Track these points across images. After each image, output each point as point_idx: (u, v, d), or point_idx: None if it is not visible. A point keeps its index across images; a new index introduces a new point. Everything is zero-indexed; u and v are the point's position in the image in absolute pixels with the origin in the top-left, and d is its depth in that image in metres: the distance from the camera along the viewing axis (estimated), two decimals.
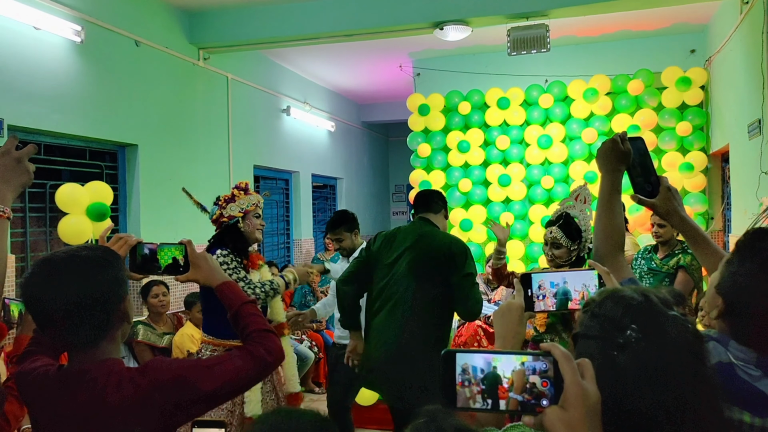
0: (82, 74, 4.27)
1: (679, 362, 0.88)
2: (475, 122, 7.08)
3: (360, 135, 9.91)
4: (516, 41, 5.35)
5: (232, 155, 6.06)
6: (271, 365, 1.56)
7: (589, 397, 0.82)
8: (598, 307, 0.95)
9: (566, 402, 0.82)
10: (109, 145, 4.69)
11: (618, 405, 0.87)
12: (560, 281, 1.30)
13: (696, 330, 0.93)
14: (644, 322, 0.89)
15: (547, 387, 0.84)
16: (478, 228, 6.99)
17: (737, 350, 1.24)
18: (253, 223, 3.39)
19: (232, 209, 3.38)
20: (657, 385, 0.86)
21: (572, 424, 0.80)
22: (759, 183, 4.41)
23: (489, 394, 0.86)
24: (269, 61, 7.00)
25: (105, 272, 1.40)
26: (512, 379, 0.85)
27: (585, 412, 0.81)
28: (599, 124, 6.62)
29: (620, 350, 0.89)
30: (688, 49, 6.56)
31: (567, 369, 0.83)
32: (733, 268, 1.27)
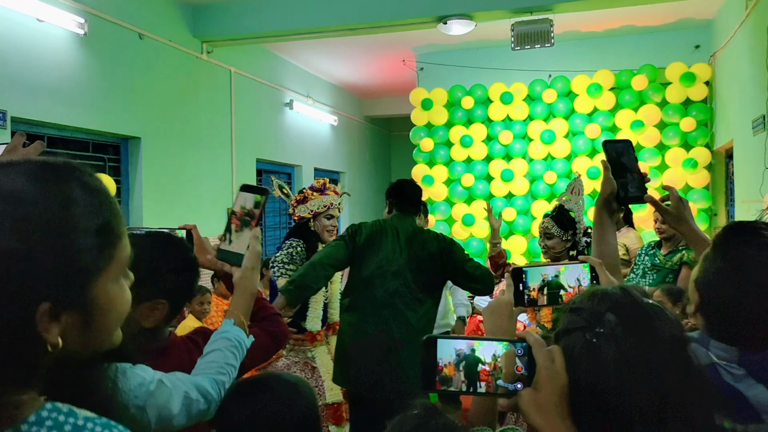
0: (85, 67, 4.27)
1: (660, 350, 0.88)
2: (478, 117, 7.07)
3: (363, 129, 9.90)
4: (520, 36, 5.33)
5: (235, 149, 6.05)
6: (281, 345, 1.71)
7: (559, 379, 0.89)
8: (576, 303, 0.97)
9: (538, 384, 0.89)
10: (112, 138, 4.69)
11: (600, 394, 0.88)
12: (552, 275, 1.29)
13: (677, 319, 0.93)
14: (623, 312, 0.91)
15: (522, 371, 0.92)
16: (481, 223, 6.98)
17: (718, 349, 1.23)
18: (323, 224, 3.43)
19: (301, 210, 3.44)
20: (638, 373, 0.87)
21: (543, 405, 0.87)
22: (763, 179, 4.40)
23: (468, 378, 0.92)
24: (272, 55, 6.99)
25: None
26: (494, 363, 0.92)
27: (555, 394, 0.88)
28: (603, 119, 6.61)
29: (600, 338, 0.90)
30: (693, 45, 6.53)
31: (540, 354, 0.90)
32: (708, 263, 1.28)
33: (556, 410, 0.87)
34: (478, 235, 7.01)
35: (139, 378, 1.20)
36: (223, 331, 1.41)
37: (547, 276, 1.28)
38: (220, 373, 1.33)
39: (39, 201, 0.70)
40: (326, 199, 3.42)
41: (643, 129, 6.42)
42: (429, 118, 7.24)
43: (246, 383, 1.37)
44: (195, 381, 1.30)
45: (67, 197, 0.73)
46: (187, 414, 1.25)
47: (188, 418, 1.26)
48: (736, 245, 1.25)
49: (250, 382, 1.38)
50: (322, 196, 3.42)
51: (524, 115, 6.91)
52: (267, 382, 1.40)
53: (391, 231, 3.08)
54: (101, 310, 0.75)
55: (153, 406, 1.19)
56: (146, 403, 1.18)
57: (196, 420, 1.28)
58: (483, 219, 7.00)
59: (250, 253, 1.44)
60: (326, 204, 3.41)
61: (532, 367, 0.91)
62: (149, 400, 1.19)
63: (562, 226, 3.05)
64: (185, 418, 1.26)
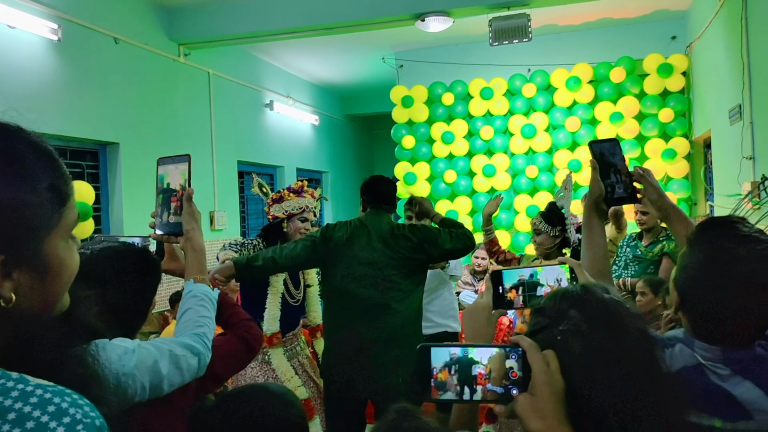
0: (60, 73, 4.21)
1: (626, 341, 0.90)
2: (458, 113, 7.09)
3: (344, 128, 9.88)
4: (498, 31, 5.35)
5: (215, 151, 6.01)
6: (255, 351, 1.66)
7: (555, 383, 0.89)
8: (541, 304, 0.99)
9: (534, 389, 0.89)
10: (90, 144, 4.64)
11: (572, 389, 0.89)
12: (528, 276, 1.28)
13: (639, 312, 0.95)
14: (586, 308, 0.92)
15: (516, 377, 0.91)
16: (464, 219, 7.00)
17: (702, 349, 1.24)
18: (297, 226, 3.38)
19: (276, 210, 3.40)
20: (606, 365, 0.88)
21: (541, 409, 0.87)
22: (740, 168, 4.45)
23: (464, 385, 0.91)
24: (251, 56, 6.95)
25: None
26: (489, 367, 0.91)
27: (552, 398, 0.87)
28: (582, 112, 6.65)
29: (565, 335, 0.91)
30: (669, 36, 6.59)
31: (534, 358, 0.90)
32: (685, 260, 1.28)
33: (554, 414, 0.87)
34: None
35: (120, 348, 1.21)
36: (187, 292, 1.47)
37: (523, 277, 1.28)
38: (198, 326, 1.39)
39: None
40: (302, 201, 3.40)
41: (622, 121, 6.46)
42: (410, 116, 7.24)
43: (232, 396, 1.35)
44: (177, 340, 1.34)
45: (14, 153, 0.74)
46: (178, 371, 1.28)
47: (181, 376, 1.30)
48: (712, 240, 1.24)
49: (236, 395, 1.35)
50: (299, 198, 3.40)
51: (504, 110, 6.94)
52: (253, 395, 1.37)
53: (364, 230, 3.04)
54: (52, 270, 0.76)
55: (142, 369, 1.21)
56: (135, 368, 1.19)
57: (190, 376, 1.32)
58: (466, 215, 7.02)
59: (186, 215, 1.51)
60: (302, 206, 3.38)
61: (527, 372, 0.91)
62: (138, 365, 1.20)
63: (549, 222, 3.07)
64: (178, 376, 1.29)
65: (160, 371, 1.22)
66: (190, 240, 1.51)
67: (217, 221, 5.85)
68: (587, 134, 6.61)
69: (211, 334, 1.42)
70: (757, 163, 4.26)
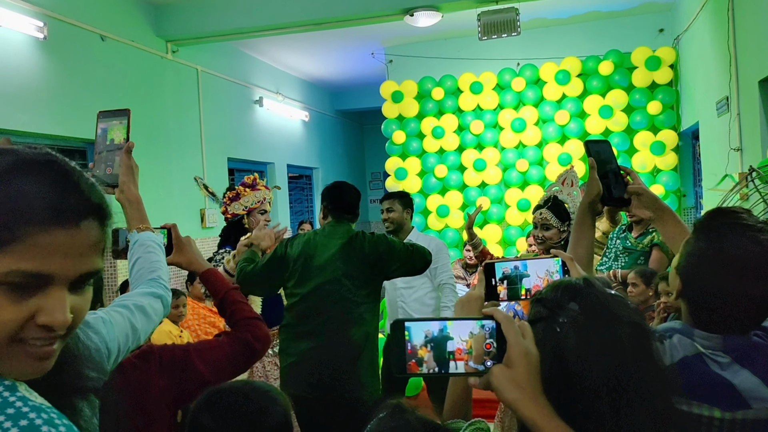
0: (47, 71, 4.18)
1: (621, 336, 0.90)
2: (448, 108, 7.09)
3: (334, 124, 9.86)
4: (486, 26, 5.35)
5: (204, 148, 5.99)
6: (258, 352, 1.60)
7: (530, 354, 0.89)
8: (542, 294, 0.99)
9: (510, 360, 0.89)
10: (79, 143, 4.61)
11: (565, 382, 0.89)
12: (522, 269, 1.29)
13: (636, 306, 0.95)
14: (585, 302, 0.93)
15: (491, 349, 0.91)
16: (455, 213, 7.02)
17: (702, 338, 1.25)
18: (258, 219, 3.42)
19: (235, 207, 3.44)
20: (599, 358, 0.89)
21: (516, 379, 0.87)
22: (728, 159, 4.49)
23: (439, 360, 0.91)
24: (240, 52, 6.92)
25: None
26: (469, 342, 0.91)
27: (528, 369, 0.88)
28: (571, 105, 6.67)
29: (564, 327, 0.91)
30: (657, 29, 6.62)
31: (510, 330, 0.90)
32: (689, 248, 1.30)
33: (529, 384, 0.87)
34: (453, 225, 7.05)
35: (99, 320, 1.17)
36: (134, 242, 1.49)
37: (507, 270, 1.29)
38: (151, 271, 1.42)
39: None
40: (259, 194, 3.44)
41: (611, 114, 6.49)
42: (400, 111, 7.24)
43: (218, 392, 1.35)
44: (137, 291, 1.36)
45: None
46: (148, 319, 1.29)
47: (151, 323, 1.30)
48: (717, 229, 1.26)
49: (222, 391, 1.36)
50: (255, 192, 3.44)
51: (494, 104, 6.95)
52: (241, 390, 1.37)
53: (323, 241, 2.95)
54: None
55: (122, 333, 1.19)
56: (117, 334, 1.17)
57: (158, 320, 1.34)
58: (457, 209, 7.03)
59: (123, 167, 1.54)
60: (259, 199, 3.43)
61: (502, 344, 0.91)
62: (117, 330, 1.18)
63: (560, 217, 3.04)
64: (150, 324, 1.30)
65: (136, 327, 1.22)
66: (125, 192, 1.53)
67: (207, 219, 5.83)
68: (576, 127, 6.64)
69: (166, 276, 1.44)
70: (744, 155, 4.29)
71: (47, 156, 0.77)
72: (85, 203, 0.77)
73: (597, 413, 0.87)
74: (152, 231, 1.54)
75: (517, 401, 0.87)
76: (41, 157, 0.76)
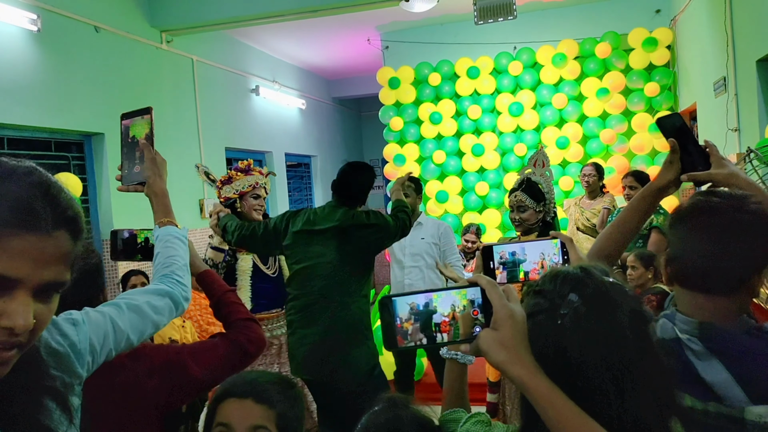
0: (41, 64, 4.16)
1: (621, 324, 0.91)
2: (445, 93, 7.07)
3: (332, 111, 9.83)
4: (482, 10, 5.32)
5: (202, 139, 5.98)
6: (252, 355, 1.58)
7: (516, 316, 0.91)
8: (538, 285, 0.99)
9: (496, 323, 0.90)
10: (75, 135, 4.60)
11: (567, 373, 0.90)
12: (519, 251, 1.29)
13: (636, 295, 0.96)
14: (585, 292, 0.93)
15: (478, 315, 0.93)
16: (454, 199, 7.02)
17: (682, 322, 1.25)
18: (250, 203, 3.48)
19: (227, 191, 3.50)
20: (602, 348, 0.89)
21: (504, 342, 0.89)
22: (726, 140, 4.48)
23: (428, 332, 0.93)
24: (235, 41, 6.88)
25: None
26: (452, 314, 0.93)
27: (514, 329, 0.89)
28: (569, 88, 6.65)
29: (564, 319, 0.91)
30: (653, 10, 6.58)
31: (494, 294, 0.92)
32: (672, 234, 1.32)
33: (516, 345, 0.89)
34: (453, 211, 7.05)
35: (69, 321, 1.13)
36: (155, 238, 1.50)
37: (504, 253, 1.29)
38: (165, 266, 1.42)
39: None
40: (251, 178, 3.48)
41: (608, 96, 6.47)
42: (397, 97, 7.22)
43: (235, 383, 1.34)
44: (141, 289, 1.35)
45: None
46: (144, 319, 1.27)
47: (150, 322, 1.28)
48: (697, 212, 1.28)
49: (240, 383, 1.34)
50: (247, 176, 3.48)
51: (491, 88, 6.92)
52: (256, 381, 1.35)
53: (321, 222, 3.00)
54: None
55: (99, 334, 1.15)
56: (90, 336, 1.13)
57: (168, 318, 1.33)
58: (456, 195, 7.03)
59: (147, 162, 1.54)
60: (251, 183, 3.46)
61: (488, 309, 0.92)
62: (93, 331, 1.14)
63: (534, 197, 3.06)
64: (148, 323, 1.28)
65: (120, 327, 1.20)
66: (151, 186, 1.54)
67: (206, 209, 5.84)
68: (574, 110, 6.62)
69: (183, 270, 1.43)
70: (742, 135, 4.29)
71: (29, 168, 0.79)
72: (60, 214, 0.78)
73: (602, 397, 0.88)
74: (176, 225, 1.53)
75: (505, 362, 0.88)
76: (23, 168, 0.78)
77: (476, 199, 6.99)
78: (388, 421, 1.12)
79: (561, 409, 0.85)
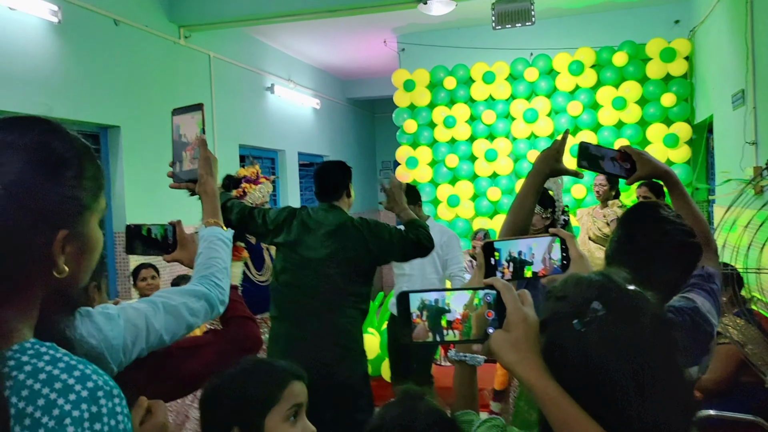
0: (60, 55, 4.19)
1: (644, 332, 0.90)
2: (460, 97, 7.06)
3: (345, 112, 9.84)
4: (501, 15, 5.31)
5: (216, 135, 6.00)
6: (248, 352, 1.58)
7: (529, 320, 0.94)
8: (560, 291, 0.98)
9: (509, 325, 0.94)
10: (91, 127, 4.63)
11: (589, 379, 0.89)
12: (525, 249, 1.28)
13: (658, 301, 0.96)
14: (607, 298, 0.93)
15: (492, 317, 0.96)
16: (466, 204, 7.00)
17: None
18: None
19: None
20: (624, 355, 0.89)
21: (516, 344, 0.92)
22: (743, 153, 4.44)
23: (442, 329, 0.97)
24: (252, 39, 6.91)
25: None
26: (465, 313, 0.97)
27: (526, 332, 0.93)
28: (584, 96, 6.62)
29: (587, 326, 0.91)
30: (673, 20, 6.54)
31: (509, 297, 0.95)
32: (613, 235, 1.57)
33: (527, 347, 0.92)
34: (464, 215, 7.03)
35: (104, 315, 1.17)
36: (200, 237, 1.50)
37: (513, 252, 1.27)
38: (206, 268, 1.43)
39: (54, 148, 0.83)
40: (263, 188, 3.59)
41: (624, 106, 6.44)
42: (412, 100, 7.21)
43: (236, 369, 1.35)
44: (177, 289, 1.36)
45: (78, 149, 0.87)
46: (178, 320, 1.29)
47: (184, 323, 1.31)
48: (634, 220, 1.53)
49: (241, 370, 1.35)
50: (260, 186, 3.54)
51: (507, 94, 6.91)
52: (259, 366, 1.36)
53: (314, 225, 2.96)
54: (90, 247, 0.88)
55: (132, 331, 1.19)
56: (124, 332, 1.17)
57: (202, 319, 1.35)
58: (468, 200, 7.02)
59: (201, 161, 1.53)
60: (264, 194, 3.58)
61: (501, 312, 0.95)
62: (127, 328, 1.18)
63: (542, 203, 3.04)
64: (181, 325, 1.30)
65: (154, 326, 1.22)
66: (203, 185, 1.53)
67: None
68: (589, 119, 6.59)
69: (222, 273, 1.43)
70: (759, 148, 4.25)
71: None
72: None
73: (622, 399, 0.87)
74: (221, 227, 1.53)
75: (515, 363, 0.91)
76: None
77: (488, 204, 6.97)
78: (403, 413, 1.13)
79: (567, 412, 0.88)
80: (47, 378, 0.75)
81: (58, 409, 0.74)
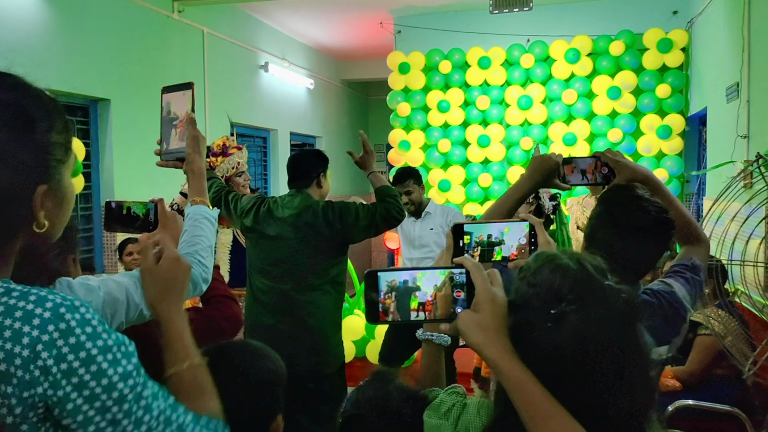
0: (50, 26, 4.12)
1: (614, 330, 0.91)
2: (455, 82, 7.02)
3: (339, 93, 9.78)
4: None
5: (208, 112, 5.95)
6: (227, 332, 1.61)
7: (498, 300, 0.93)
8: (533, 275, 0.97)
9: (477, 305, 0.93)
10: (80, 100, 4.57)
11: (558, 375, 0.90)
12: (496, 233, 1.29)
13: (629, 298, 0.95)
14: (580, 292, 0.92)
15: (461, 296, 0.96)
16: (457, 189, 7.00)
17: None
18: (237, 183, 3.53)
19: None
20: (593, 354, 0.89)
21: (483, 324, 0.91)
22: (735, 146, 4.45)
23: (401, 308, 0.95)
24: (247, 15, 6.83)
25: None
26: (435, 293, 0.96)
27: (494, 313, 0.92)
28: (579, 85, 6.60)
29: (556, 321, 0.91)
30: (671, 11, 6.52)
31: (478, 277, 0.95)
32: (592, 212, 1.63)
33: (494, 327, 0.91)
34: (455, 200, 7.03)
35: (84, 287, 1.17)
36: (186, 215, 1.50)
37: (482, 236, 1.28)
38: (190, 245, 1.43)
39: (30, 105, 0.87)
40: (232, 160, 3.51)
41: (619, 95, 6.43)
42: (406, 83, 7.17)
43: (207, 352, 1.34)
44: None
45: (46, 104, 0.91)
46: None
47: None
48: (611, 197, 1.60)
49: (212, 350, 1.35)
50: (227, 158, 3.50)
51: (502, 80, 6.87)
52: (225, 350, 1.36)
53: (279, 211, 2.96)
54: (67, 199, 0.90)
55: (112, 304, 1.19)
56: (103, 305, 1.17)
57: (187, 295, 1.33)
58: (459, 185, 7.01)
59: (189, 139, 1.53)
60: (233, 165, 3.50)
61: (471, 292, 0.95)
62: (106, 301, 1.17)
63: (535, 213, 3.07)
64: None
65: (135, 301, 1.21)
66: (191, 163, 1.53)
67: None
68: (584, 107, 6.58)
69: (206, 251, 1.43)
70: (751, 142, 4.26)
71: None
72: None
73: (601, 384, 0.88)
74: (207, 205, 1.53)
75: (481, 344, 0.91)
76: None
77: (479, 190, 6.96)
78: (377, 394, 1.13)
79: (532, 393, 0.88)
80: (5, 309, 0.76)
81: (27, 337, 0.75)
